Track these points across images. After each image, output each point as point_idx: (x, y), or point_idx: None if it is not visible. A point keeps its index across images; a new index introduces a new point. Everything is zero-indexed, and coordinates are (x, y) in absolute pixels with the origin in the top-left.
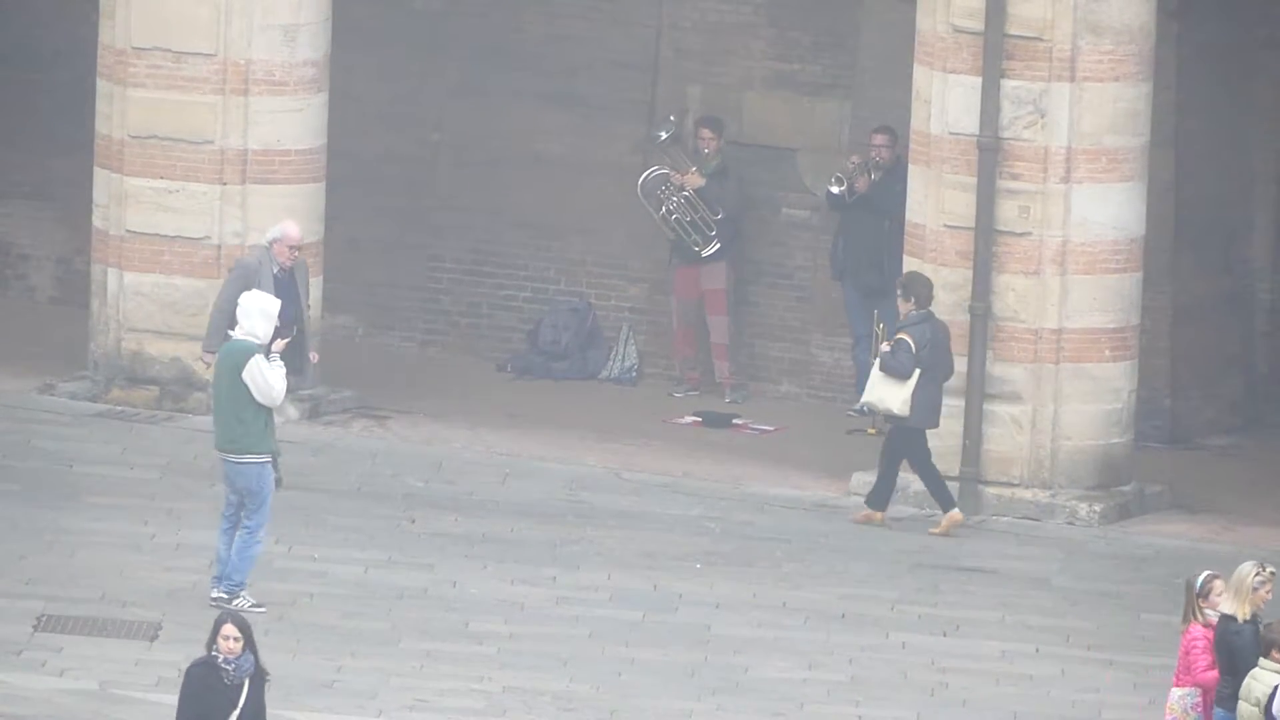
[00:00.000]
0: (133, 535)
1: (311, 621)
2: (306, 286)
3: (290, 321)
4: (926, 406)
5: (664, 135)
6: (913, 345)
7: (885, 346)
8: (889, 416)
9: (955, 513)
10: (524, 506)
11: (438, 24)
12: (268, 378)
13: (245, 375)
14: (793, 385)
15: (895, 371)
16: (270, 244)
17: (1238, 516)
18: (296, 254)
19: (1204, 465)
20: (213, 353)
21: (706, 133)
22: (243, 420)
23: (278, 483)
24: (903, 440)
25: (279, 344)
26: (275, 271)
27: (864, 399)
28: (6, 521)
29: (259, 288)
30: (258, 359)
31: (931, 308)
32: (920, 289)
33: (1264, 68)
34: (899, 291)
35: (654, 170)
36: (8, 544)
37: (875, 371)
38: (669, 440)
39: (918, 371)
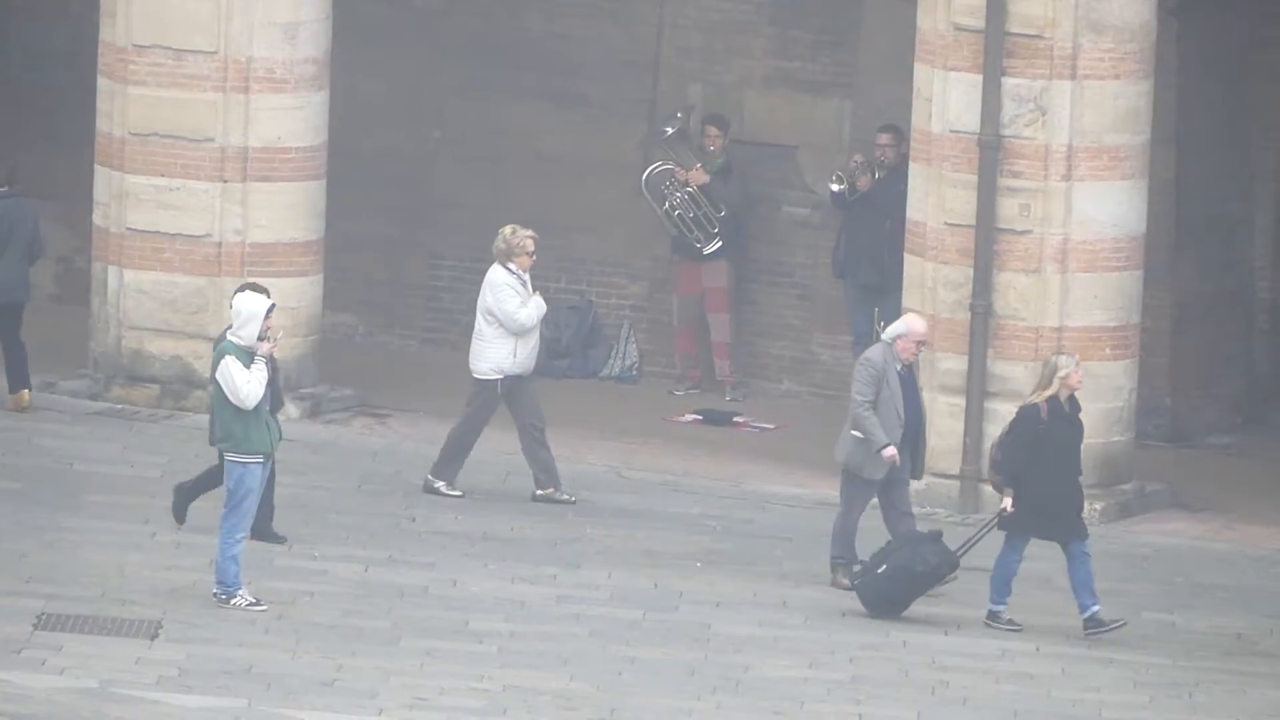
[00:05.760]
0: (133, 534)
1: (312, 620)
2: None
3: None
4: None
5: (670, 130)
6: None
7: None
8: None
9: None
10: (524, 505)
11: (438, 22)
12: (235, 379)
13: (218, 374)
14: (793, 383)
15: None
16: (893, 340)
17: (1238, 515)
18: (921, 348)
19: (1204, 464)
20: (891, 446)
21: (712, 130)
22: (223, 419)
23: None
24: None
25: (266, 347)
26: (899, 369)
27: None
28: (7, 520)
29: (885, 385)
30: (229, 359)
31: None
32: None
33: (1264, 67)
34: None
35: (659, 166)
36: (8, 542)
37: None
38: (669, 438)
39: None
